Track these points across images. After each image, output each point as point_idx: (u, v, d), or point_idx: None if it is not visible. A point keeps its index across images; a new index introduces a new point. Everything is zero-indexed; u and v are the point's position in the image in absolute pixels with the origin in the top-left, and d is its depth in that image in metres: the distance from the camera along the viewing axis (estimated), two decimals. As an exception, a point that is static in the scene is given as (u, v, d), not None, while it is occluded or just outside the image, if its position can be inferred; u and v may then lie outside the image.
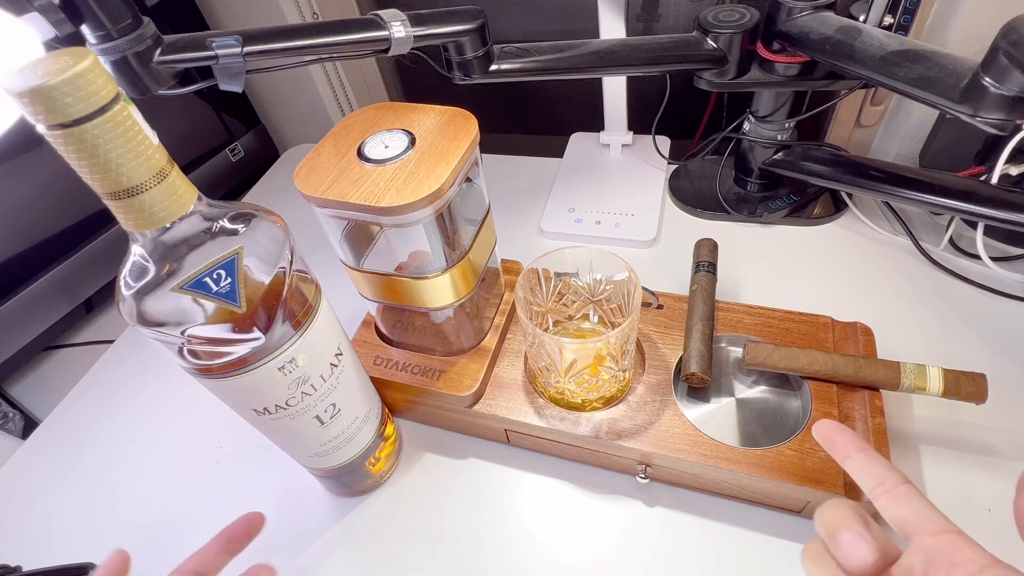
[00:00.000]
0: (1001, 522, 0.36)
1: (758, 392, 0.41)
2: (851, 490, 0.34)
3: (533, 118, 0.82)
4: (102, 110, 0.20)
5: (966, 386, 0.35)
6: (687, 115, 0.65)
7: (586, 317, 0.43)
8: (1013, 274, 0.48)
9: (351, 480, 0.41)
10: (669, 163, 0.65)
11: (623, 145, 0.66)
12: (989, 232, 0.47)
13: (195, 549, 0.41)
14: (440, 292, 0.37)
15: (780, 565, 0.36)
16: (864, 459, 0.25)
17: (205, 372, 0.28)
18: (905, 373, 0.36)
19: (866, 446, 0.25)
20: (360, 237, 0.39)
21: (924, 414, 0.41)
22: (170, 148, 0.24)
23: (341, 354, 0.34)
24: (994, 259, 0.47)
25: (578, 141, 0.70)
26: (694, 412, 0.40)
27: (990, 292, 0.47)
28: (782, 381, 0.41)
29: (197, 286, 0.24)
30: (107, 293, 0.63)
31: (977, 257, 0.48)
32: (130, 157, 0.21)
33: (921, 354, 0.44)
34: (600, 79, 0.59)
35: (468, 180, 0.37)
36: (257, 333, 0.27)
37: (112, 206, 0.23)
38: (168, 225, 0.24)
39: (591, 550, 0.38)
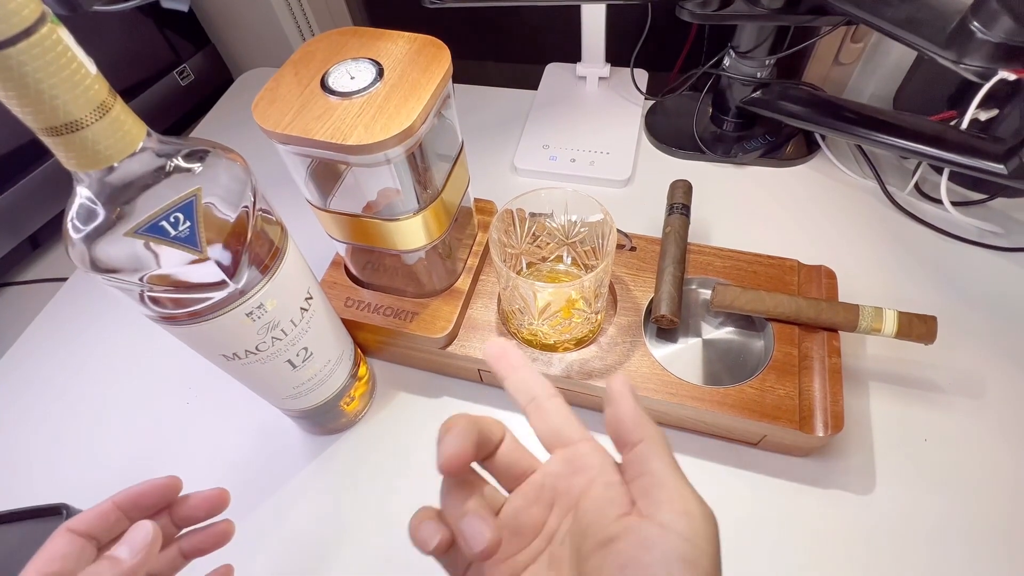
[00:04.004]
0: (935, 451, 0.39)
1: (724, 333, 0.42)
2: (804, 424, 0.36)
3: (506, 46, 0.78)
4: (26, 32, 0.18)
5: (917, 328, 0.37)
6: (667, 47, 0.62)
7: (560, 259, 0.43)
8: (971, 219, 0.49)
9: (325, 420, 0.41)
10: (646, 99, 0.63)
11: (600, 78, 0.63)
12: (954, 177, 0.48)
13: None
14: (412, 234, 0.36)
15: (736, 491, 0.38)
16: (520, 377, 0.24)
17: (168, 319, 0.27)
18: (863, 316, 0.38)
19: (525, 364, 0.25)
20: (326, 174, 0.37)
21: (876, 352, 0.43)
22: (109, 71, 0.21)
23: (311, 298, 0.33)
24: (955, 204, 0.49)
25: (553, 72, 0.67)
26: (662, 352, 0.41)
27: (948, 236, 0.49)
28: (747, 323, 0.42)
29: (153, 230, 0.23)
30: (54, 228, 0.59)
31: (939, 202, 0.49)
32: (65, 88, 0.19)
33: (879, 296, 0.45)
34: (578, 6, 0.56)
35: (440, 115, 0.36)
36: (223, 279, 0.26)
37: (50, 143, 0.20)
38: (115, 164, 0.22)
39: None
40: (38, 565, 0.23)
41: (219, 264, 0.25)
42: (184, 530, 0.28)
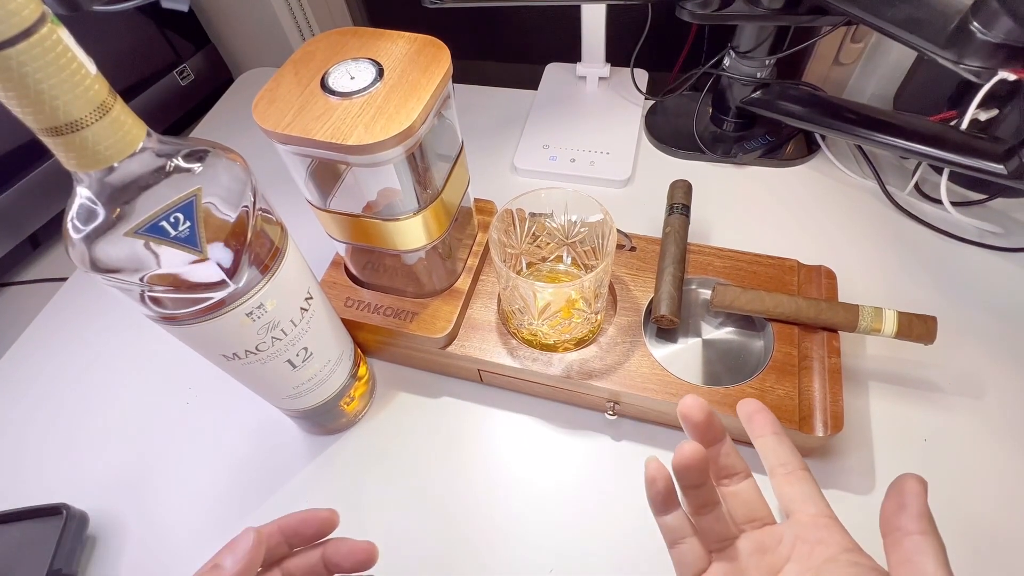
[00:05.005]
0: (934, 451, 0.39)
1: (724, 333, 0.42)
2: (804, 424, 0.36)
3: (506, 46, 0.78)
4: (26, 33, 0.18)
5: (917, 328, 0.37)
6: (667, 47, 0.62)
7: (559, 259, 0.43)
8: (970, 219, 0.49)
9: (325, 420, 0.41)
10: (646, 99, 0.63)
11: (600, 78, 0.63)
12: (954, 177, 0.48)
13: (168, 493, 0.42)
14: (412, 234, 0.36)
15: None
16: (774, 441, 0.27)
17: (168, 319, 0.27)
18: (863, 316, 0.38)
19: (779, 430, 0.27)
20: (326, 174, 0.37)
21: (875, 352, 0.43)
22: (109, 71, 0.21)
23: (311, 298, 0.33)
24: (955, 204, 0.49)
25: (553, 72, 0.67)
26: (662, 352, 0.41)
27: (948, 237, 0.49)
28: (747, 322, 0.42)
29: (153, 231, 0.23)
30: (54, 228, 0.59)
31: (939, 202, 0.49)
32: (65, 88, 0.19)
33: (879, 296, 0.45)
34: (578, 6, 0.56)
35: (440, 115, 0.36)
36: (223, 279, 0.26)
37: (50, 143, 0.20)
38: (115, 164, 0.22)
39: (560, 482, 0.40)
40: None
41: (219, 264, 0.25)
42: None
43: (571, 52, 0.63)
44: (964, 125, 0.43)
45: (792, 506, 0.25)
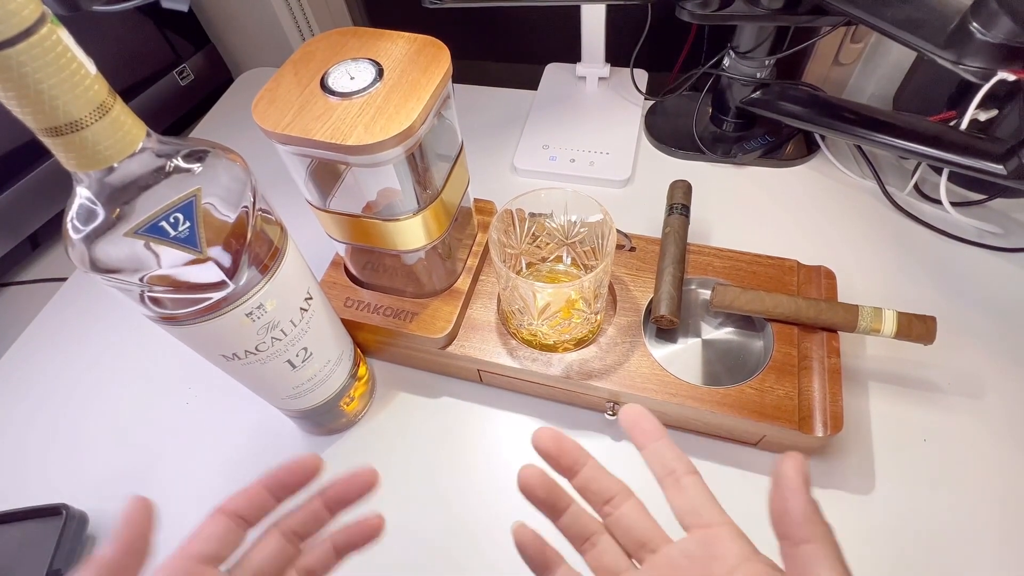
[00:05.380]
0: (934, 451, 0.39)
1: (724, 333, 0.42)
2: (804, 425, 0.36)
3: (506, 46, 0.78)
4: (26, 33, 0.18)
5: (917, 328, 0.37)
6: (667, 47, 0.62)
7: (559, 259, 0.43)
8: (970, 219, 0.49)
9: (325, 420, 0.41)
10: (646, 99, 0.63)
11: (600, 78, 0.63)
12: (953, 177, 0.48)
13: (168, 493, 0.42)
14: (412, 234, 0.36)
15: (735, 492, 0.38)
16: (659, 447, 0.25)
17: (168, 319, 0.27)
18: (862, 316, 0.38)
19: (664, 435, 0.25)
20: (326, 174, 0.37)
21: (875, 353, 0.43)
22: (109, 71, 0.21)
23: (311, 298, 0.33)
24: (954, 204, 0.49)
25: (553, 72, 0.67)
26: (661, 352, 0.41)
27: (947, 237, 0.49)
28: (747, 323, 0.42)
29: (153, 231, 0.23)
30: (53, 229, 0.59)
31: (938, 202, 0.49)
32: (65, 88, 0.19)
33: (879, 296, 0.45)
34: (578, 6, 0.56)
35: (440, 115, 0.36)
36: (222, 279, 0.26)
37: (50, 144, 0.20)
38: (115, 164, 0.22)
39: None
40: (196, 545, 0.23)
41: (219, 264, 0.25)
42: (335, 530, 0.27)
43: (571, 52, 0.63)
44: (964, 125, 0.43)
45: (685, 519, 0.23)
